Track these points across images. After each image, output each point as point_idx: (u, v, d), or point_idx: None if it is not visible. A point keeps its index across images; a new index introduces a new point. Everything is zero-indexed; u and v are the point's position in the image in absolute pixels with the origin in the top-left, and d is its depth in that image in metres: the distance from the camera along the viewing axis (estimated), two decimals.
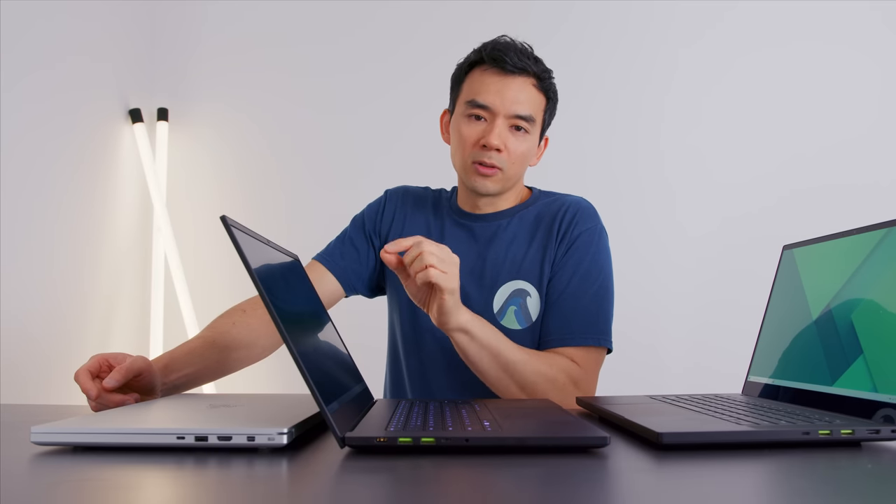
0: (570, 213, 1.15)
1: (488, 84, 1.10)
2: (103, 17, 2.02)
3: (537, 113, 1.12)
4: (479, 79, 1.11)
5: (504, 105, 1.09)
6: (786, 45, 2.14)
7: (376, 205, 1.28)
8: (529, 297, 1.12)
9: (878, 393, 0.68)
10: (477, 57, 1.13)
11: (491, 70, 1.11)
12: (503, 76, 1.10)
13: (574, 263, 1.12)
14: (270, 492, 0.49)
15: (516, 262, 1.14)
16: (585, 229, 1.14)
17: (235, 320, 1.09)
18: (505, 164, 1.11)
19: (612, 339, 1.10)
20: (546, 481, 0.51)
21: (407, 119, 2.19)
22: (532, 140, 1.13)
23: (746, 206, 2.12)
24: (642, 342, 2.10)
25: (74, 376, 0.85)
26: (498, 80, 1.10)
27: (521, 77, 1.10)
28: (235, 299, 1.17)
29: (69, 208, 1.84)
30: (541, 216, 1.17)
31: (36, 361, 1.70)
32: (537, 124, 1.13)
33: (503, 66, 1.09)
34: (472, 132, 1.11)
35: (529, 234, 1.16)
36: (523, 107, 1.10)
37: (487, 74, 1.11)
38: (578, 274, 1.11)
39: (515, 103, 1.09)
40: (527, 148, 1.13)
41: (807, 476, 0.54)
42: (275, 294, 0.62)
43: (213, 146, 2.25)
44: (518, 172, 1.15)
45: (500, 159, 1.10)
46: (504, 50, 1.10)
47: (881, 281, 0.72)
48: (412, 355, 1.19)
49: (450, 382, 1.16)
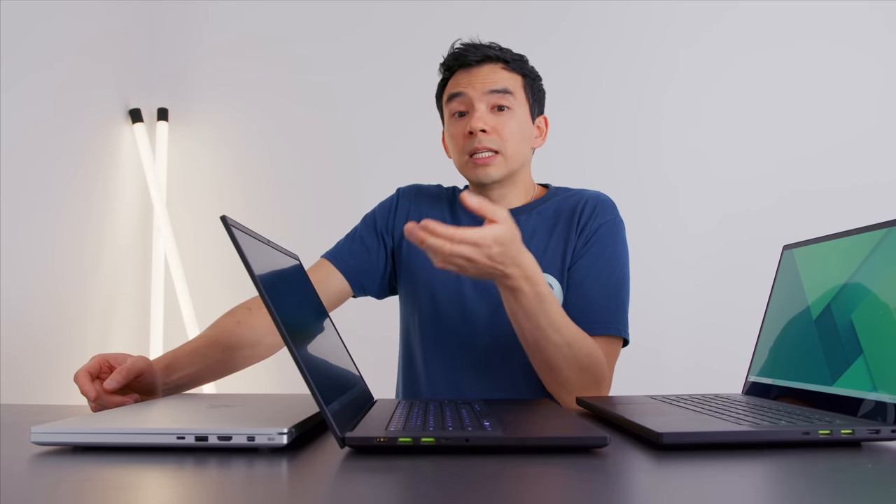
0: (589, 205, 1.16)
1: (457, 79, 1.16)
2: (103, 17, 2.02)
3: (514, 87, 1.14)
4: (452, 82, 1.17)
5: (476, 87, 1.12)
6: (786, 44, 2.14)
7: (388, 203, 1.26)
8: (553, 289, 1.12)
9: (877, 393, 0.68)
10: (445, 70, 1.18)
11: (459, 72, 1.16)
12: (470, 69, 1.15)
13: (594, 254, 1.12)
14: (270, 492, 0.49)
15: (537, 255, 1.13)
16: (605, 221, 1.14)
17: (240, 319, 1.08)
18: (498, 145, 1.11)
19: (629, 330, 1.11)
20: (546, 481, 0.51)
21: (407, 119, 2.19)
22: (519, 116, 1.14)
23: (747, 205, 2.12)
24: (642, 342, 2.08)
25: (74, 377, 0.85)
26: (465, 73, 1.15)
27: (487, 64, 1.14)
28: (235, 299, 1.17)
29: (69, 208, 1.84)
30: (560, 210, 1.17)
31: (36, 361, 1.70)
32: (518, 99, 1.14)
33: (466, 61, 1.14)
34: (459, 128, 1.14)
35: (549, 227, 1.16)
36: (496, 83, 1.12)
37: (457, 76, 1.16)
38: (598, 264, 1.11)
39: (487, 82, 1.12)
40: (517, 125, 1.13)
41: (807, 476, 0.54)
42: (275, 294, 0.62)
43: (213, 146, 2.25)
44: (517, 152, 1.14)
45: (491, 140, 1.11)
46: (462, 50, 1.15)
47: (881, 281, 0.72)
48: (435, 355, 1.17)
49: (478, 384, 1.14)
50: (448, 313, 1.15)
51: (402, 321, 1.25)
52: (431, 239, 0.78)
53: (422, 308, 1.18)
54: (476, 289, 1.15)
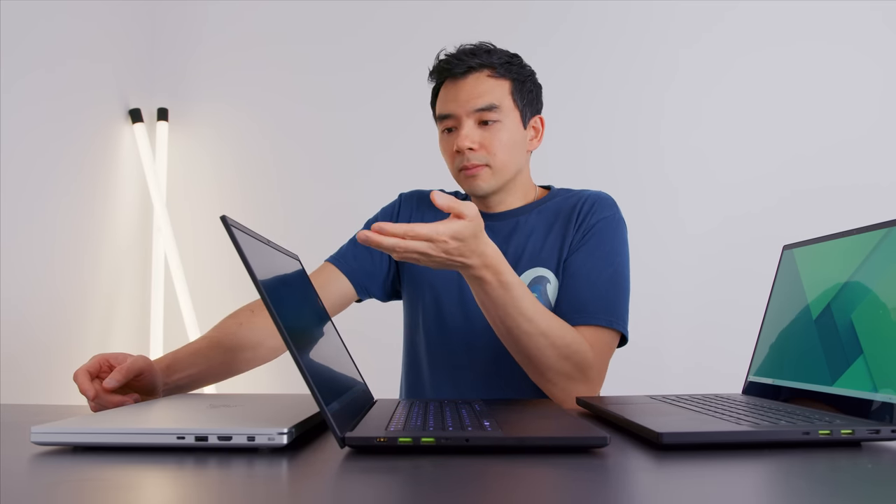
0: (588, 202, 1.16)
1: (446, 95, 1.15)
2: (103, 17, 2.02)
3: (500, 99, 1.13)
4: (442, 96, 1.17)
5: (461, 105, 1.12)
6: (786, 44, 2.14)
7: (390, 208, 1.28)
8: (549, 283, 1.12)
9: (878, 393, 0.68)
10: (434, 81, 1.19)
11: (447, 83, 1.16)
12: (455, 81, 1.14)
13: (590, 247, 1.12)
14: (270, 492, 0.49)
15: (535, 250, 1.14)
16: (604, 217, 1.14)
17: (242, 321, 1.08)
18: (486, 159, 1.12)
19: (627, 326, 1.09)
20: (546, 481, 0.51)
21: (407, 119, 2.19)
22: (508, 127, 1.13)
23: (747, 205, 2.12)
24: (643, 342, 2.08)
25: (73, 376, 0.85)
26: (453, 87, 1.14)
27: (472, 74, 1.13)
28: (235, 299, 1.17)
29: (69, 208, 1.84)
30: (560, 209, 1.18)
31: (36, 361, 1.71)
32: (505, 110, 1.13)
33: (451, 74, 1.14)
34: (449, 144, 1.15)
35: (548, 224, 1.16)
36: (480, 99, 1.12)
37: (445, 88, 1.17)
38: (594, 257, 1.11)
39: (470, 99, 1.12)
40: (506, 136, 1.13)
41: (807, 476, 0.54)
42: (275, 294, 0.62)
43: (213, 146, 2.25)
44: (508, 161, 1.14)
45: (478, 157, 1.11)
46: (447, 60, 1.15)
47: (881, 281, 0.72)
48: (439, 357, 1.18)
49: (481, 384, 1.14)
50: (450, 315, 1.16)
51: (406, 323, 1.26)
52: (385, 239, 0.78)
53: (424, 310, 1.19)
54: None
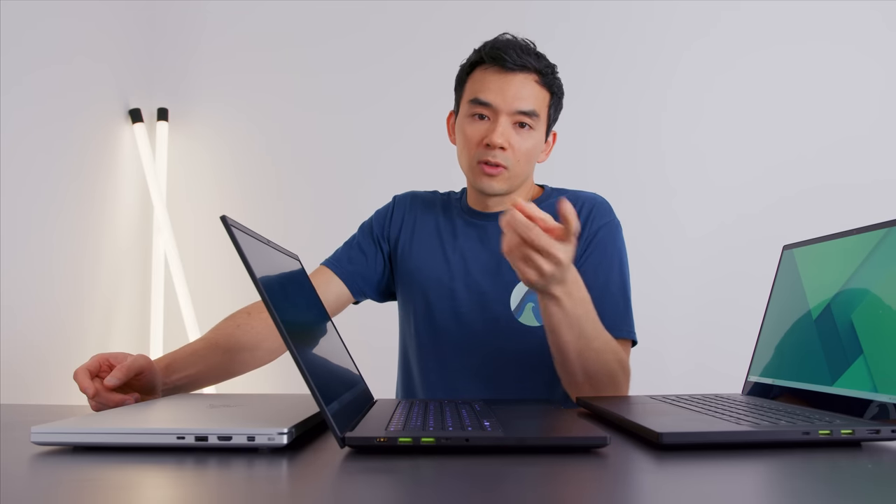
0: (585, 208, 1.16)
1: (489, 82, 1.10)
2: (103, 17, 2.02)
3: (541, 108, 1.12)
4: (481, 78, 1.11)
5: (506, 102, 1.09)
6: (787, 45, 2.14)
7: (384, 210, 1.28)
8: None
9: (878, 393, 0.68)
10: (477, 57, 1.13)
11: (492, 69, 1.11)
12: (504, 74, 1.09)
13: (595, 260, 1.12)
14: (270, 492, 0.49)
15: None
16: (603, 224, 1.15)
17: (240, 322, 1.09)
18: (510, 162, 1.11)
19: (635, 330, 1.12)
20: (546, 481, 0.51)
21: (407, 119, 2.19)
22: (537, 136, 1.13)
23: (747, 205, 2.12)
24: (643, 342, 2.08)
25: (73, 375, 0.85)
26: (499, 77, 1.10)
27: (522, 73, 1.10)
28: (235, 299, 1.17)
29: (69, 208, 1.84)
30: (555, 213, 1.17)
31: (36, 361, 1.70)
32: (541, 120, 1.13)
33: (503, 64, 1.09)
34: (476, 132, 1.11)
35: None
36: (526, 102, 1.09)
37: (489, 73, 1.11)
38: (601, 269, 1.12)
39: (517, 99, 1.09)
40: (532, 145, 1.12)
41: (807, 476, 0.54)
42: (275, 294, 0.62)
43: (213, 146, 2.25)
44: (525, 170, 1.14)
45: (504, 157, 1.10)
46: (504, 48, 1.10)
47: (881, 281, 0.72)
48: (429, 358, 1.18)
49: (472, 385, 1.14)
50: (441, 316, 1.16)
51: (400, 325, 1.27)
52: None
53: (416, 311, 1.20)
54: (468, 292, 1.16)
